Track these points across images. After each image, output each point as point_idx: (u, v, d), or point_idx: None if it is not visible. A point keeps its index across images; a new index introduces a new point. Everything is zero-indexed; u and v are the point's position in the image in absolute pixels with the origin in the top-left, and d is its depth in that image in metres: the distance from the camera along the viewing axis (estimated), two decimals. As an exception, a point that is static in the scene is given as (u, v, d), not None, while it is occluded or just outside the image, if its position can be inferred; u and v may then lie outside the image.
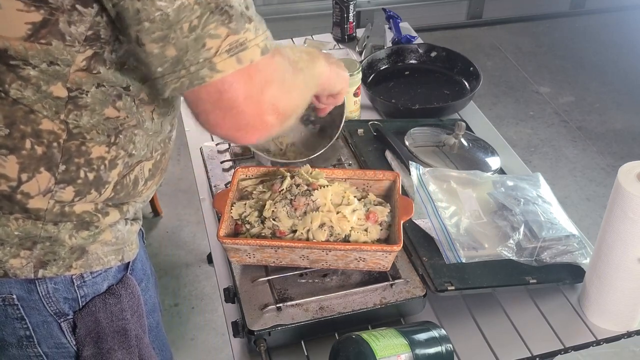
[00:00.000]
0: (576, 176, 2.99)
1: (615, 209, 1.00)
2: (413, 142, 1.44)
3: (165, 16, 0.68)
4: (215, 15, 0.70)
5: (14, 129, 0.75)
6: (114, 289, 0.94)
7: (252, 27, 0.73)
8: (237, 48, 0.72)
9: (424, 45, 1.85)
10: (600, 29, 4.13)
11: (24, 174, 0.78)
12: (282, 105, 0.79)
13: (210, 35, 0.70)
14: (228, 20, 0.70)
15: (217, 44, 0.71)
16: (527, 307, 1.14)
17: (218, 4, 0.70)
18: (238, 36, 0.72)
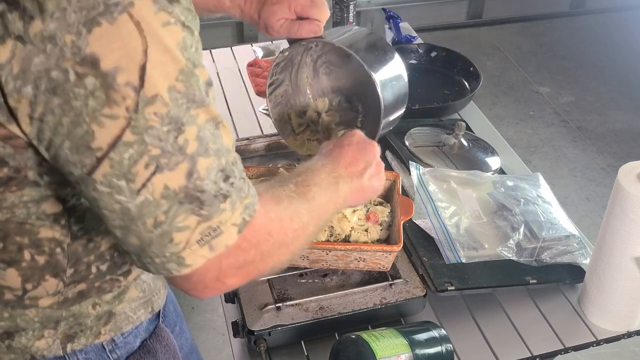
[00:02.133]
0: (576, 176, 2.99)
1: (615, 209, 1.00)
2: (413, 142, 1.44)
3: (126, 210, 0.60)
4: (184, 205, 0.61)
5: (8, 241, 0.67)
6: (147, 345, 0.87)
7: (227, 206, 0.63)
8: (210, 235, 0.63)
9: (424, 45, 1.85)
10: (600, 29, 4.13)
11: (28, 284, 0.71)
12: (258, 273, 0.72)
13: (178, 228, 0.61)
14: (199, 207, 0.62)
15: (186, 237, 0.62)
16: (527, 307, 1.14)
17: (188, 193, 0.61)
18: (211, 222, 0.63)
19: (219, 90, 1.74)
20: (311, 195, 0.79)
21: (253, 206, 0.67)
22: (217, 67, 1.84)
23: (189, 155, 0.60)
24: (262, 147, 1.45)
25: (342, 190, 0.86)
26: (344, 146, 0.93)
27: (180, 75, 0.58)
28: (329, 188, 0.83)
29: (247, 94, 1.72)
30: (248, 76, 1.78)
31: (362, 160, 0.92)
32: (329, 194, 0.83)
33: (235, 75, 1.80)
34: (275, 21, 1.01)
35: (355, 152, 0.92)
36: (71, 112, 0.56)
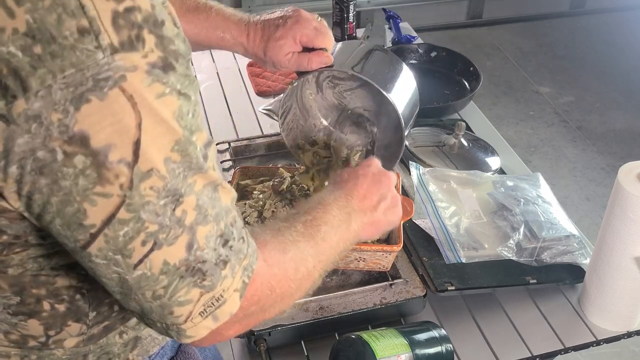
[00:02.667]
0: (576, 176, 2.99)
1: (615, 209, 1.00)
2: (413, 142, 1.44)
3: (124, 280, 0.58)
4: (186, 279, 0.58)
5: (25, 294, 0.65)
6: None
7: (228, 272, 0.61)
8: (214, 305, 0.61)
9: (424, 45, 1.85)
10: (600, 29, 4.13)
11: (51, 331, 0.68)
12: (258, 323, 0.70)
13: (179, 303, 0.59)
14: (201, 279, 0.59)
15: (188, 310, 0.60)
16: (527, 307, 1.14)
17: (189, 266, 0.58)
18: (214, 292, 0.60)
19: (219, 90, 1.74)
20: (320, 237, 0.76)
21: (251, 266, 0.64)
22: (217, 67, 1.84)
23: (187, 227, 0.57)
24: (262, 147, 1.45)
25: (354, 225, 0.84)
26: (359, 177, 0.90)
27: (177, 146, 0.55)
28: (341, 226, 0.81)
29: (247, 94, 1.72)
30: (248, 76, 1.78)
31: (377, 193, 0.89)
32: (339, 233, 0.80)
33: (235, 75, 1.80)
34: (282, 57, 0.98)
35: (370, 184, 0.89)
36: (60, 191, 0.53)
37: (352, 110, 1.15)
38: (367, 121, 1.16)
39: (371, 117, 1.15)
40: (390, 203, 0.91)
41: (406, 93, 1.05)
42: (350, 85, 1.12)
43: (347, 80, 1.11)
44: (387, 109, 1.07)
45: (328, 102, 1.15)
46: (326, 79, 1.11)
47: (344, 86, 1.12)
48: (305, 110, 1.15)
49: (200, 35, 1.01)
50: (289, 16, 0.99)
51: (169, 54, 0.54)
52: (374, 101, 1.13)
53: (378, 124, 1.15)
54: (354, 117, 1.16)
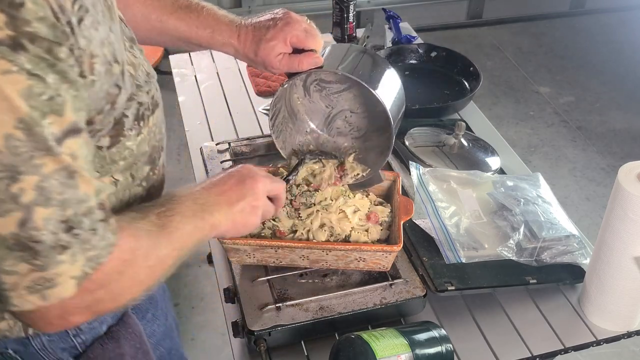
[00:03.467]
0: (576, 176, 2.99)
1: (615, 209, 1.00)
2: (413, 142, 1.44)
3: None
4: (14, 252, 0.60)
5: None
6: (113, 332, 0.90)
7: (67, 257, 0.62)
8: (42, 285, 0.62)
9: (424, 45, 1.85)
10: (600, 29, 4.13)
11: None
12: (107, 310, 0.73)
13: (5, 271, 0.61)
14: (32, 256, 0.60)
15: (13, 280, 0.61)
16: (527, 307, 1.14)
17: (19, 241, 0.59)
18: (45, 273, 0.62)
19: (219, 90, 1.74)
20: (174, 226, 0.78)
21: (98, 259, 0.66)
22: (217, 67, 1.84)
23: (24, 205, 0.58)
24: (262, 147, 1.45)
25: (211, 217, 0.85)
26: (224, 176, 0.92)
27: (21, 124, 0.56)
28: (195, 216, 0.82)
29: (247, 94, 1.72)
30: (248, 76, 1.79)
31: (237, 192, 0.89)
32: (194, 222, 0.81)
33: (235, 75, 1.81)
34: (273, 58, 1.00)
35: (232, 184, 0.90)
36: None
37: (339, 112, 1.16)
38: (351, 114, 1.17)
39: (358, 118, 1.16)
40: (249, 206, 0.90)
41: (393, 92, 1.06)
42: (338, 88, 1.13)
43: (335, 83, 1.12)
44: (375, 109, 1.08)
45: (315, 105, 1.16)
46: (313, 82, 1.12)
47: (331, 89, 1.13)
48: (294, 113, 1.16)
49: (190, 33, 1.03)
50: (279, 18, 1.00)
51: (21, 34, 0.55)
52: (361, 103, 1.14)
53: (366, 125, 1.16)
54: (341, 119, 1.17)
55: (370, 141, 1.15)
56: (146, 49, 0.89)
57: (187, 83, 1.78)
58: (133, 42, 0.84)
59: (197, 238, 0.83)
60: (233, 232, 0.91)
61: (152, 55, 2.63)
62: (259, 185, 0.92)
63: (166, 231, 0.76)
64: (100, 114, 0.72)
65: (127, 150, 0.80)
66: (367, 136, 1.16)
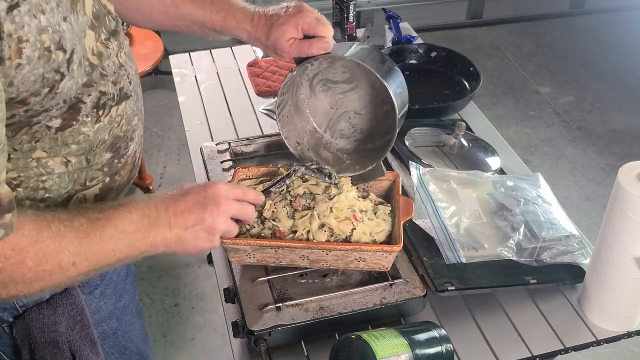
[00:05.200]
0: (576, 176, 2.99)
1: (615, 209, 1.00)
2: (413, 142, 1.44)
3: None
4: None
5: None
6: (52, 300, 0.93)
7: None
8: None
9: (424, 45, 1.85)
10: (600, 29, 4.13)
11: None
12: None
13: None
14: None
15: None
16: (527, 307, 1.14)
17: None
18: None
19: (219, 90, 1.74)
20: (98, 238, 0.77)
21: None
22: (217, 67, 1.84)
23: None
24: (262, 147, 1.45)
25: (154, 237, 0.84)
26: (188, 193, 0.89)
27: None
28: (135, 232, 0.82)
29: (247, 94, 1.72)
30: (248, 76, 1.79)
31: (197, 215, 0.88)
32: (130, 239, 0.81)
33: (236, 75, 1.81)
34: (284, 42, 1.03)
35: (194, 204, 0.88)
36: None
37: (343, 114, 1.17)
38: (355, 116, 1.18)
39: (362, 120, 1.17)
40: (206, 229, 0.89)
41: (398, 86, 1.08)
42: (343, 88, 1.13)
43: (341, 83, 1.13)
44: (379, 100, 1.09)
45: (320, 105, 1.17)
46: (320, 82, 1.13)
47: (337, 89, 1.14)
48: (299, 111, 1.17)
49: (204, 17, 1.08)
50: (292, 6, 1.05)
51: None
52: (366, 103, 1.14)
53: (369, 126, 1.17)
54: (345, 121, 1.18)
55: (373, 142, 1.16)
56: (146, 49, 0.89)
57: (187, 83, 1.78)
58: (113, 35, 0.85)
59: (127, 254, 0.83)
60: (179, 251, 0.89)
61: (152, 55, 2.62)
62: (220, 210, 0.90)
63: (85, 240, 0.77)
64: (37, 95, 0.73)
65: (81, 135, 0.82)
66: (370, 138, 1.16)
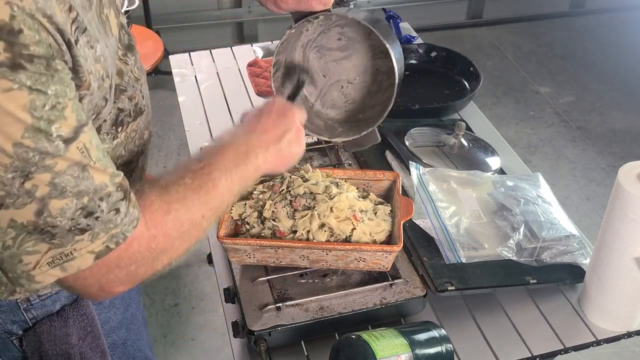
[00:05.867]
0: (576, 176, 2.99)
1: (615, 209, 1.00)
2: (413, 142, 1.44)
3: None
4: (33, 235, 0.66)
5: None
6: (63, 312, 0.93)
7: (86, 237, 0.68)
8: (62, 259, 0.68)
9: (424, 45, 1.85)
10: (600, 29, 4.13)
11: None
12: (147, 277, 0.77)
13: (27, 252, 0.67)
14: (50, 237, 0.67)
15: (36, 259, 0.67)
16: (527, 307, 1.14)
17: (37, 227, 0.66)
18: (64, 249, 0.68)
19: (219, 90, 1.74)
20: (211, 185, 0.80)
21: (124, 234, 0.70)
22: (217, 67, 1.84)
23: (38, 198, 0.64)
24: (262, 147, 1.45)
25: (255, 162, 0.87)
26: (262, 114, 0.93)
27: (27, 133, 0.61)
28: (237, 166, 0.84)
29: (247, 94, 1.72)
30: (248, 76, 1.78)
31: (281, 127, 0.92)
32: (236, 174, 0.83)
33: (235, 75, 1.81)
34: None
35: (275, 119, 0.92)
36: None
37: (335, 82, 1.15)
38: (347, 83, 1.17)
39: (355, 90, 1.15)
40: (295, 135, 0.93)
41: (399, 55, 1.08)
42: (337, 56, 1.12)
43: (335, 50, 1.12)
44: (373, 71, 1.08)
45: (313, 73, 1.15)
46: (314, 48, 1.12)
47: (330, 56, 1.13)
48: (290, 78, 1.15)
49: None
50: None
51: (18, 56, 0.60)
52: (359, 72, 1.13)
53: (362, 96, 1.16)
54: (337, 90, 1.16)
55: (364, 113, 1.15)
56: (146, 49, 0.90)
57: (187, 83, 1.78)
58: (128, 50, 0.86)
59: (239, 188, 0.85)
60: (281, 166, 0.94)
61: (152, 55, 2.62)
62: (295, 114, 0.95)
63: (202, 192, 0.78)
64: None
65: None
66: (361, 109, 1.15)
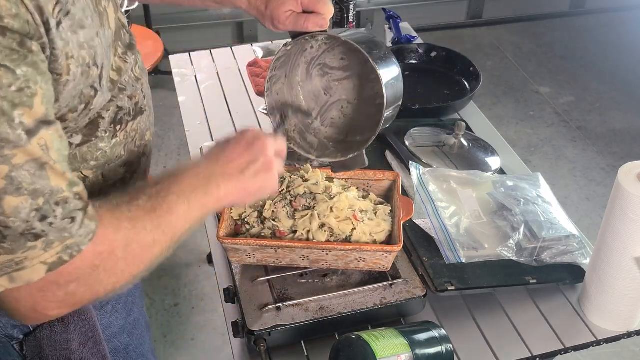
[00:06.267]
0: (576, 176, 2.99)
1: (615, 209, 1.00)
2: (413, 142, 1.44)
3: None
4: None
5: None
6: (64, 317, 0.91)
7: (39, 244, 0.64)
8: (12, 268, 0.63)
9: (424, 45, 1.85)
10: (600, 29, 4.13)
11: None
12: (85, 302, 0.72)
13: None
14: (0, 240, 0.62)
15: None
16: (527, 307, 1.14)
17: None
18: (14, 256, 0.63)
19: (219, 90, 1.74)
20: (165, 209, 0.75)
21: (79, 246, 0.66)
22: (217, 67, 1.84)
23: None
24: (262, 147, 1.45)
25: (216, 191, 0.82)
26: (230, 143, 0.88)
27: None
28: (196, 191, 0.79)
29: (247, 94, 1.72)
30: (248, 76, 1.78)
31: (247, 156, 0.86)
32: (194, 200, 0.79)
33: (236, 75, 1.81)
34: (282, 12, 1.00)
35: (242, 148, 0.87)
36: None
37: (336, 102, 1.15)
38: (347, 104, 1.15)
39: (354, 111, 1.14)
40: (262, 167, 0.87)
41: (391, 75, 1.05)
42: (340, 75, 1.12)
43: (337, 69, 1.11)
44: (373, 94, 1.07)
45: (315, 90, 1.14)
46: (317, 66, 1.12)
47: (333, 76, 1.12)
48: (292, 93, 1.14)
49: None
50: None
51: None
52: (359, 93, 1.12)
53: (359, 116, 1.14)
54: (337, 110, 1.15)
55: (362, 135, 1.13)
56: (146, 49, 0.89)
57: (187, 83, 1.78)
58: (129, 49, 0.85)
59: (197, 216, 0.80)
60: (250, 199, 0.89)
61: (152, 55, 2.62)
62: (267, 144, 0.89)
63: (155, 214, 0.74)
64: (74, 112, 0.73)
65: (99, 151, 0.81)
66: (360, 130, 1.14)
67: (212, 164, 0.84)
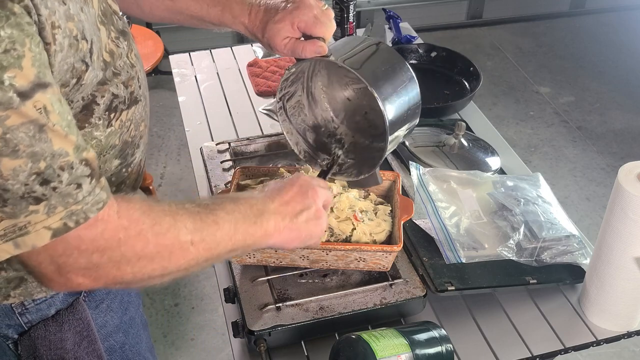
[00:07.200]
0: (576, 176, 2.99)
1: (615, 209, 1.00)
2: (413, 142, 1.44)
3: None
4: None
5: None
6: (58, 316, 0.91)
7: (41, 208, 0.63)
8: (15, 233, 0.63)
9: (424, 45, 1.85)
10: (600, 29, 4.13)
11: None
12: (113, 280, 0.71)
13: None
14: (1, 203, 0.62)
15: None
16: (527, 307, 1.14)
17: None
18: (16, 220, 0.63)
19: (219, 90, 1.74)
20: (212, 219, 0.76)
21: (85, 213, 0.66)
22: (217, 67, 1.84)
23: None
24: (262, 147, 1.45)
25: (266, 225, 0.84)
26: (285, 185, 0.91)
27: None
28: (245, 218, 0.81)
29: (247, 94, 1.72)
30: (248, 76, 1.79)
31: (301, 203, 0.89)
32: (243, 225, 0.80)
33: (236, 75, 1.81)
34: (279, 41, 0.98)
35: (295, 193, 0.90)
36: None
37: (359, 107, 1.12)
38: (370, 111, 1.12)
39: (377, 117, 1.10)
40: (314, 215, 0.90)
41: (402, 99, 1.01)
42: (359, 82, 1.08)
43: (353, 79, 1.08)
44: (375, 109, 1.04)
45: (338, 95, 1.11)
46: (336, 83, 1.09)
47: (352, 82, 1.09)
48: (314, 100, 1.10)
49: (201, 11, 1.04)
50: (291, 1, 0.98)
51: None
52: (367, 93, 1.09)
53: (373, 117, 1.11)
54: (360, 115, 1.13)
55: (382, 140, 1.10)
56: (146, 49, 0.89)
57: (187, 83, 1.78)
58: (122, 35, 0.84)
59: (241, 240, 0.80)
60: (297, 243, 0.90)
61: (152, 55, 2.62)
62: (319, 195, 0.92)
63: (198, 218, 0.75)
64: (66, 86, 0.72)
65: (94, 139, 0.81)
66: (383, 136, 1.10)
67: (268, 201, 0.86)
